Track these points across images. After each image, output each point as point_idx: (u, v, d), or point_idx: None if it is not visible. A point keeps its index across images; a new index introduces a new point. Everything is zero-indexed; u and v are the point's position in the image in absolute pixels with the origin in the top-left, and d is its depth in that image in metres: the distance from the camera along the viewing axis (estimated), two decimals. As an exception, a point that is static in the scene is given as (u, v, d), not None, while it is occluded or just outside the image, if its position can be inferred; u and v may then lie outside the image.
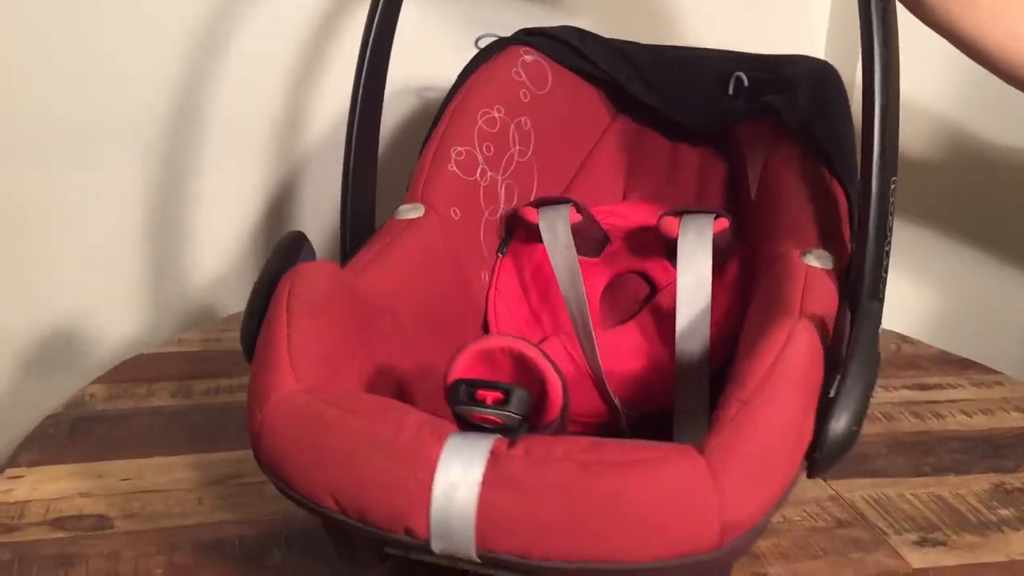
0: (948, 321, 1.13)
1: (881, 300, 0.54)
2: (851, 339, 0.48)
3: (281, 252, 0.54)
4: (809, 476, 0.48)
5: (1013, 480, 0.72)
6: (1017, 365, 1.12)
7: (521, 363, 0.47)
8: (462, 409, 0.42)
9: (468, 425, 0.43)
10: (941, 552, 0.63)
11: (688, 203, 0.80)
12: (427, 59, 0.93)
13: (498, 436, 0.42)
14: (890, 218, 0.52)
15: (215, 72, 0.94)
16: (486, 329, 0.73)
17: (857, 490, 0.70)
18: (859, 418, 0.46)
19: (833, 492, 0.69)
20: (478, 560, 0.42)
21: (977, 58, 0.69)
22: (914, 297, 1.13)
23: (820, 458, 0.45)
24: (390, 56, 0.68)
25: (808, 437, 0.45)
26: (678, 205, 0.71)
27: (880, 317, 0.51)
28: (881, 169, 0.51)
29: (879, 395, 0.84)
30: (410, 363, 0.56)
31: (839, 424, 0.45)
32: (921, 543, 0.64)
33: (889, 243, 0.53)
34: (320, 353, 0.47)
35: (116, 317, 0.99)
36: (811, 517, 0.66)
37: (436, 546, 0.42)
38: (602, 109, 0.85)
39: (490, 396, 0.42)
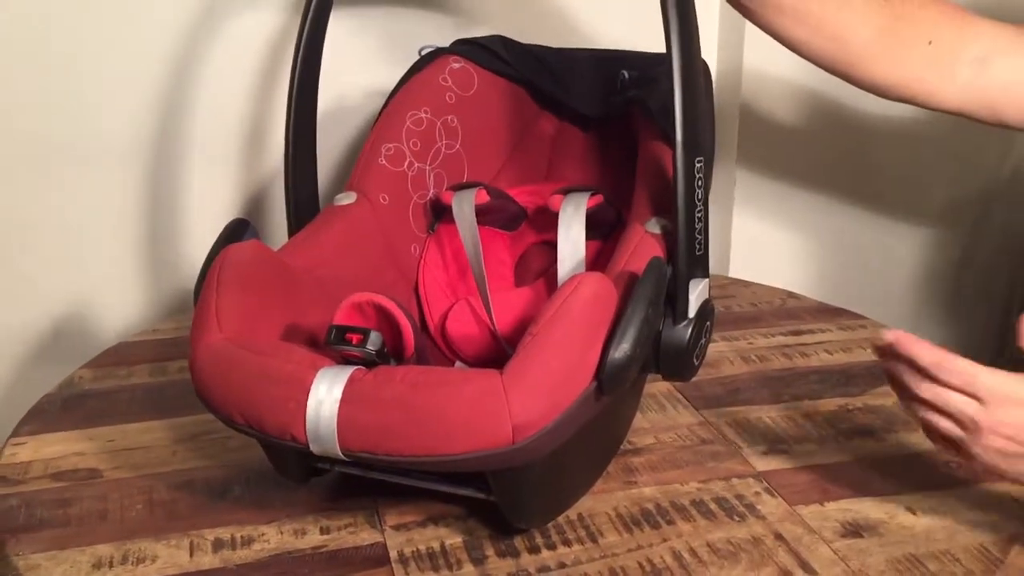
0: (835, 276, 1.27)
1: (699, 256, 0.67)
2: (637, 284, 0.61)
3: (225, 234, 0.69)
4: (601, 393, 0.60)
5: (856, 402, 0.86)
6: (899, 308, 1.28)
7: (383, 312, 0.62)
8: (332, 347, 0.57)
9: (347, 361, 0.58)
10: (783, 458, 0.77)
11: (596, 183, 0.93)
12: (379, 70, 1.06)
13: (359, 367, 0.57)
14: (698, 190, 0.66)
15: (189, 92, 1.07)
16: (417, 293, 0.87)
17: (724, 416, 0.84)
18: (634, 346, 0.59)
19: (702, 419, 0.83)
20: (345, 458, 0.59)
21: (798, 53, 0.83)
22: (805, 257, 1.27)
23: (603, 379, 0.59)
24: (320, 68, 0.82)
25: (594, 363, 0.59)
26: (589, 185, 0.85)
27: (661, 269, 0.63)
28: (684, 150, 0.64)
29: (757, 341, 0.98)
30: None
31: (615, 352, 0.59)
32: (768, 452, 0.78)
33: (700, 211, 0.66)
34: (240, 311, 0.63)
35: (100, 313, 1.11)
36: (680, 439, 0.80)
37: (314, 448, 0.59)
38: (526, 106, 0.98)
39: (355, 337, 0.57)
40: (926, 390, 0.61)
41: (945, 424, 0.61)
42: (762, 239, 1.26)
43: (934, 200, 1.27)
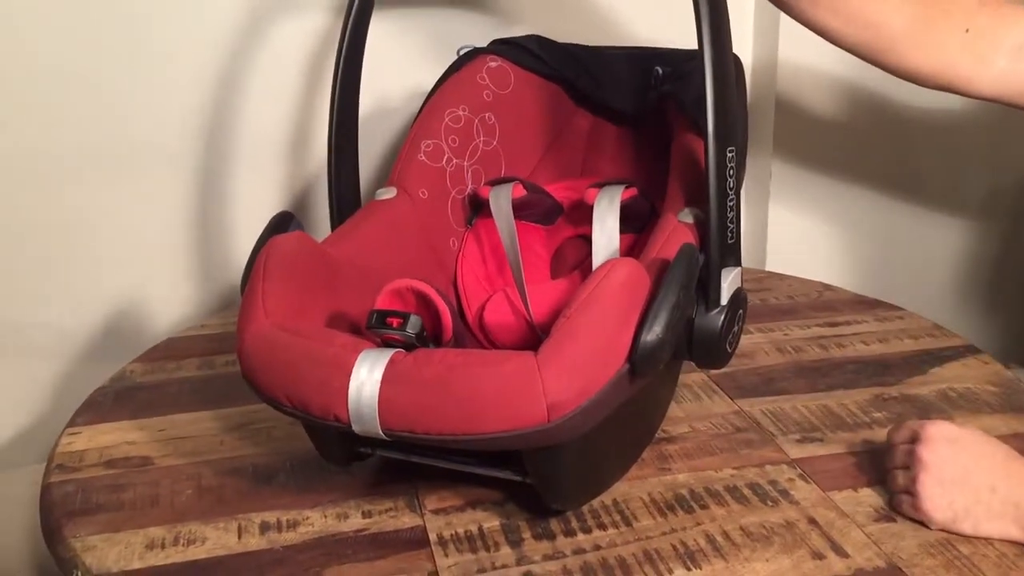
0: (873, 269, 1.27)
1: (731, 244, 0.68)
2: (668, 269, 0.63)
3: (271, 226, 0.72)
4: (634, 376, 0.62)
5: (892, 391, 0.86)
6: (938, 301, 1.27)
7: (422, 298, 0.64)
8: (373, 331, 0.59)
9: (387, 344, 0.60)
10: (817, 446, 0.78)
11: (631, 178, 0.95)
12: (420, 70, 1.08)
13: (399, 350, 0.60)
14: (730, 180, 0.67)
15: (236, 94, 1.10)
16: (455, 285, 0.89)
17: (757, 405, 0.85)
18: (666, 329, 0.60)
19: (737, 408, 0.84)
20: (386, 437, 0.61)
21: (833, 43, 0.83)
22: (842, 250, 1.27)
23: (636, 361, 0.60)
24: (361, 68, 0.84)
25: (626, 345, 0.60)
26: (624, 178, 0.87)
27: (693, 255, 0.64)
28: (716, 139, 0.65)
29: (793, 332, 0.99)
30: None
31: (647, 334, 0.60)
32: (802, 440, 0.79)
33: (732, 200, 0.67)
34: (286, 298, 0.66)
35: (151, 310, 1.15)
36: (715, 427, 0.81)
37: (356, 428, 0.61)
38: (562, 103, 1.00)
39: (395, 321, 0.59)
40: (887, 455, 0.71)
41: (901, 475, 0.69)
42: (798, 232, 1.26)
43: (972, 191, 1.27)
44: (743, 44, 1.21)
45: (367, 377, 0.60)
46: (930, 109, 1.18)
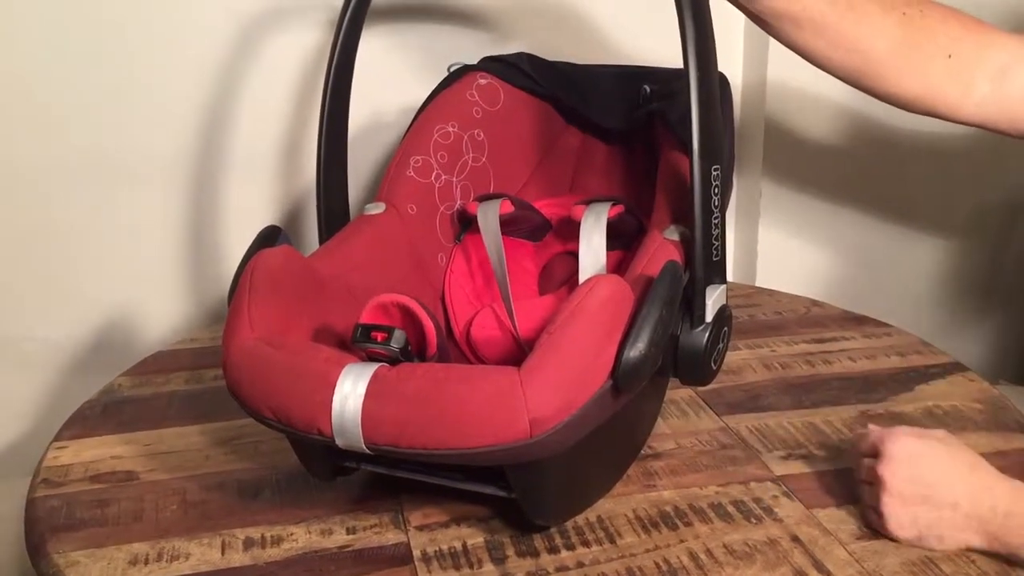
0: (861, 286, 1.27)
1: (716, 262, 0.69)
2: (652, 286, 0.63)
3: (258, 240, 0.72)
4: (618, 392, 0.62)
5: (878, 408, 0.86)
6: (927, 318, 1.28)
7: (407, 313, 0.64)
8: (358, 345, 0.60)
9: (372, 358, 0.60)
10: (802, 463, 0.78)
11: (620, 195, 0.95)
12: (411, 86, 1.09)
13: (383, 364, 0.60)
14: (715, 198, 0.67)
15: (230, 110, 1.10)
16: (443, 301, 0.89)
17: (744, 422, 0.85)
18: (649, 345, 0.60)
19: (723, 424, 0.84)
20: (369, 451, 0.61)
21: (819, 66, 0.84)
22: (831, 268, 1.28)
23: (619, 377, 0.60)
24: (351, 83, 0.85)
25: (610, 361, 0.61)
26: (611, 196, 0.87)
27: (676, 272, 0.64)
28: (701, 157, 0.66)
29: (780, 348, 0.99)
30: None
31: (630, 350, 0.60)
32: (787, 457, 0.79)
33: (717, 218, 0.68)
34: (271, 312, 0.66)
35: (140, 323, 1.15)
36: (701, 444, 0.82)
37: (339, 441, 0.61)
38: (551, 121, 1.01)
39: (380, 335, 0.59)
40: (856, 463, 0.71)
41: (867, 490, 0.69)
42: (788, 250, 1.26)
43: (959, 210, 1.27)
44: (733, 64, 1.22)
45: (351, 391, 0.60)
46: (918, 129, 1.19)
